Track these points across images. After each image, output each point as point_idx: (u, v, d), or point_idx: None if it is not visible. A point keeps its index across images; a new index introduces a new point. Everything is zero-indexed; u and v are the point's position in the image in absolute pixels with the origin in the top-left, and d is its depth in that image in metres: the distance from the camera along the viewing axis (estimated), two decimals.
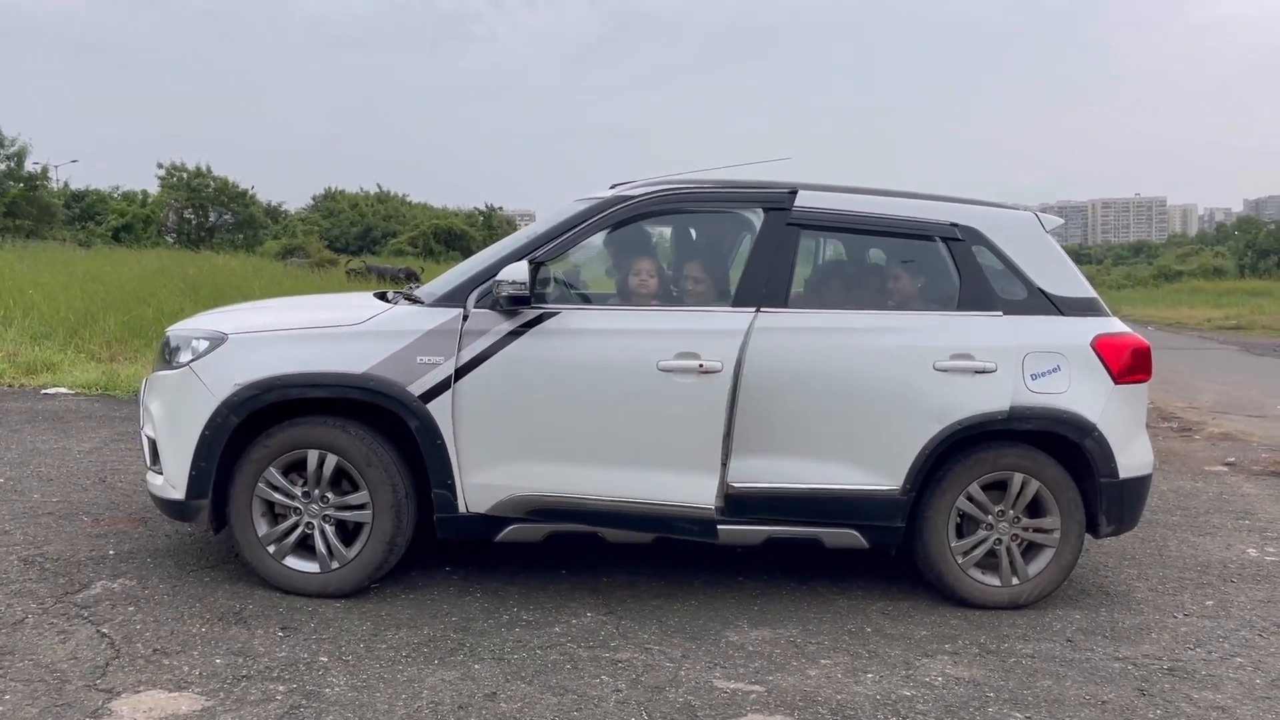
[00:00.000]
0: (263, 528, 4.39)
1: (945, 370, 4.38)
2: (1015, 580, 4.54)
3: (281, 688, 3.52)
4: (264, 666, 3.69)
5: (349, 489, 4.39)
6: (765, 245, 4.49)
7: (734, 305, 4.41)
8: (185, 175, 48.28)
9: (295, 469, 4.39)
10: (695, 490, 4.15)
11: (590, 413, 4.26)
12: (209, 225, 47.87)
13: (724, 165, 4.81)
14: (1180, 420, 10.41)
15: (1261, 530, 6.11)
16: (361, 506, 4.36)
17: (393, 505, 4.34)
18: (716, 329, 4.28)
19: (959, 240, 4.57)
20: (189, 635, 3.94)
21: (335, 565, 4.38)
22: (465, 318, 4.34)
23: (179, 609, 4.21)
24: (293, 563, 4.40)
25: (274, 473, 4.35)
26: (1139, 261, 69.64)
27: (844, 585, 4.84)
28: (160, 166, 49.08)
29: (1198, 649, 4.20)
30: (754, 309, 4.36)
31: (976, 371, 4.41)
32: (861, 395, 4.36)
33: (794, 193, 4.56)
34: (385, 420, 4.39)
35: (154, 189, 49.67)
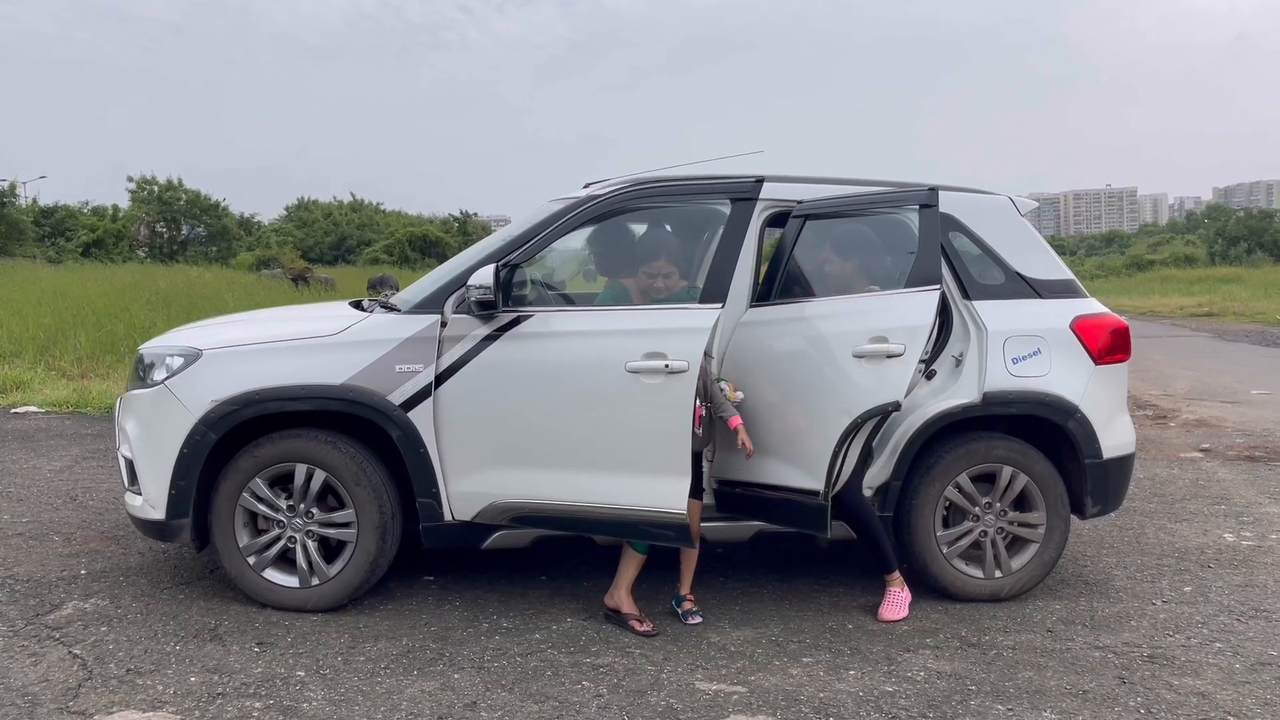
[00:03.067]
0: (244, 538, 4.33)
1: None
2: (998, 573, 4.55)
3: (258, 704, 3.47)
4: (240, 683, 3.63)
5: (335, 505, 4.34)
6: (732, 237, 4.41)
7: (701, 301, 4.24)
8: (156, 189, 47.81)
9: (281, 481, 4.34)
10: (669, 494, 4.04)
11: (564, 416, 4.20)
12: (181, 239, 47.44)
13: (697, 161, 4.75)
14: (1155, 408, 10.48)
15: (1238, 515, 6.15)
16: (346, 525, 4.31)
17: (378, 526, 4.29)
18: (682, 327, 4.11)
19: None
20: (163, 654, 3.89)
21: (316, 581, 4.33)
22: (443, 324, 4.29)
23: (153, 627, 4.15)
24: (272, 575, 4.35)
25: (260, 484, 4.29)
26: (1112, 251, 70.26)
27: (826, 583, 4.83)
28: (131, 180, 48.62)
29: (1177, 635, 4.21)
30: (719, 305, 4.19)
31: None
32: (832, 386, 4.17)
33: (760, 182, 4.51)
34: (366, 431, 4.34)
35: (125, 203, 49.24)
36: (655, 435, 4.06)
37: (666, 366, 4.04)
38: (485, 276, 4.12)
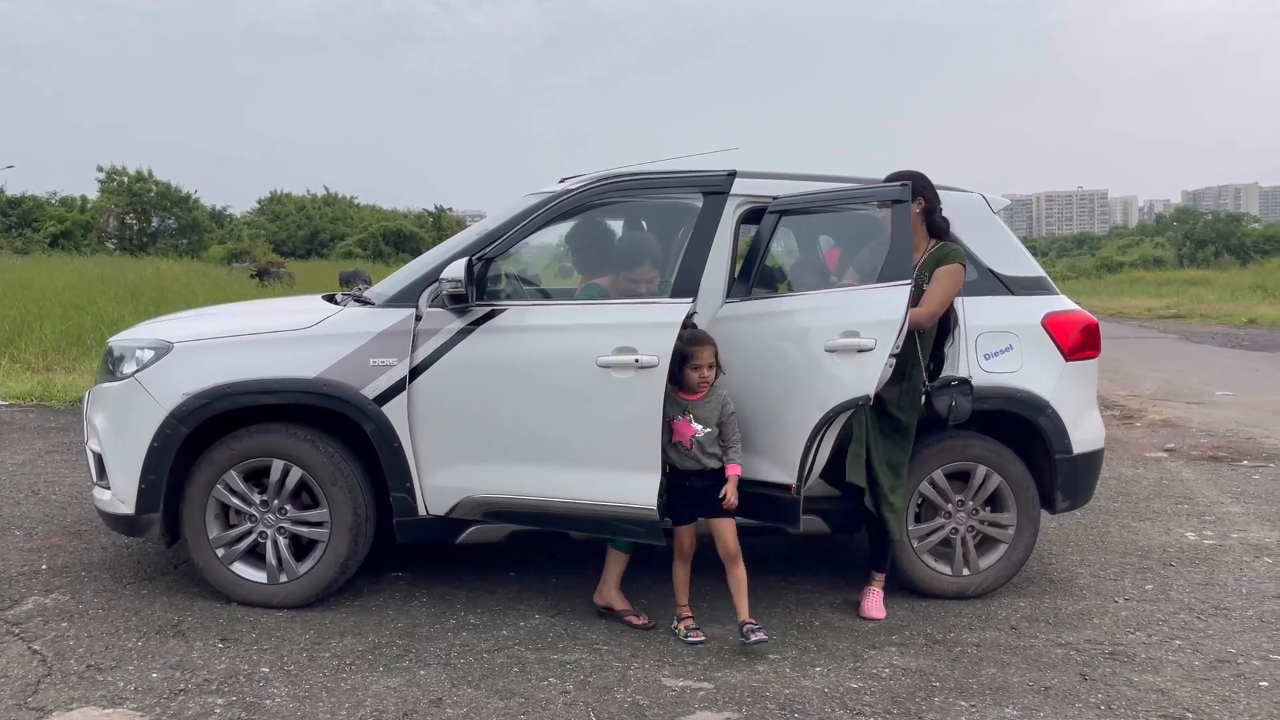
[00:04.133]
0: (215, 530, 4.29)
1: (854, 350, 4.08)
2: (966, 571, 4.58)
3: (221, 700, 3.44)
4: (203, 680, 3.60)
5: (309, 502, 4.31)
6: (704, 231, 4.30)
7: (673, 296, 4.17)
8: (126, 180, 47.28)
9: (256, 476, 4.30)
10: (638, 490, 4.02)
11: (536, 411, 4.17)
12: (151, 231, 46.90)
13: (673, 157, 4.72)
14: (1122, 408, 10.60)
15: (1200, 515, 6.23)
16: (319, 524, 4.28)
17: (351, 527, 4.26)
18: (652, 321, 4.08)
19: None
20: (124, 650, 3.84)
21: (284, 579, 4.30)
22: (418, 318, 4.26)
23: (114, 623, 4.11)
24: (240, 569, 4.31)
25: (235, 477, 4.25)
26: (1082, 253, 70.96)
27: (792, 580, 4.86)
28: (100, 171, 48.07)
29: (1138, 633, 4.26)
30: (690, 299, 4.14)
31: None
32: (804, 380, 4.12)
33: (732, 175, 4.44)
34: (340, 425, 4.31)
35: (94, 194, 48.64)
36: (625, 430, 4.05)
37: (636, 361, 4.01)
38: (457, 270, 4.09)
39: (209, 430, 4.28)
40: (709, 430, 4.07)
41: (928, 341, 4.38)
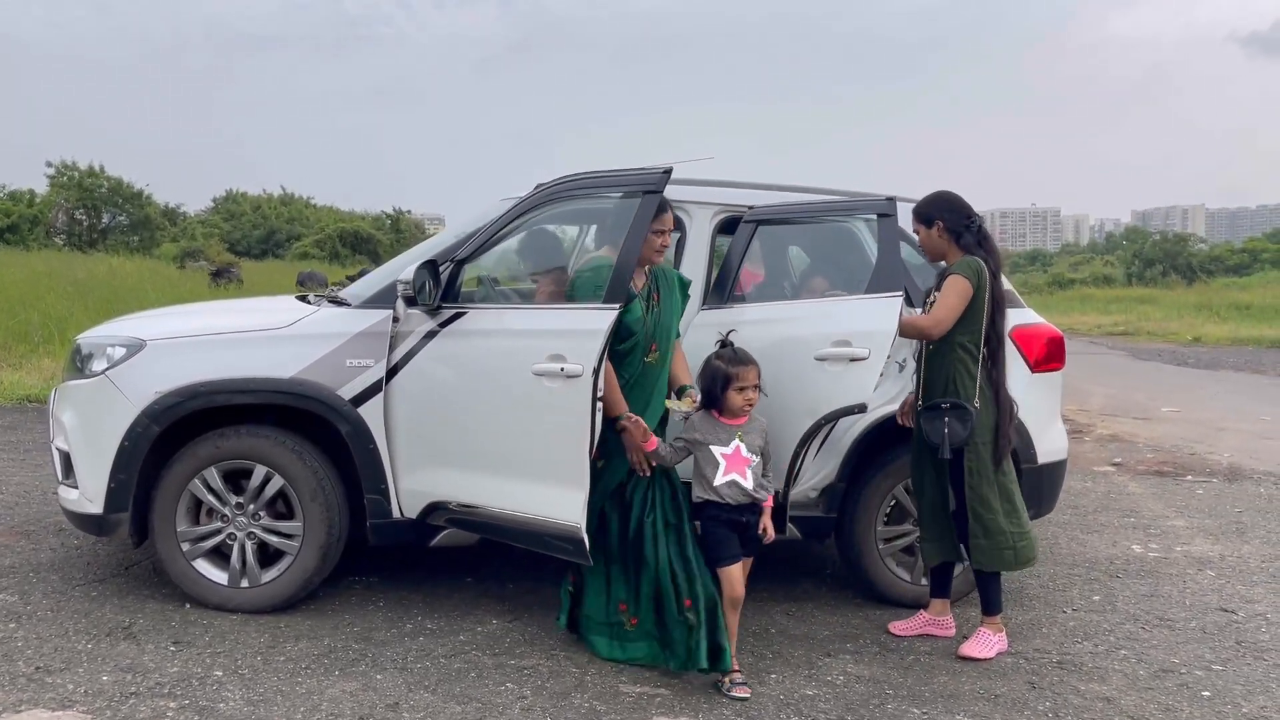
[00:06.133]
0: (184, 524, 4.23)
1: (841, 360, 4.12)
2: (924, 580, 4.63)
3: (173, 704, 3.40)
4: (154, 683, 3.56)
5: (284, 511, 4.28)
6: (637, 231, 3.93)
7: (606, 301, 3.82)
8: (76, 174, 46.33)
9: (234, 476, 4.26)
10: (566, 505, 3.79)
11: (483, 417, 4.10)
12: (102, 227, 46.03)
13: (648, 165, 4.73)
14: (1071, 422, 10.79)
15: (1145, 527, 6.37)
16: (290, 536, 4.25)
17: (323, 545, 4.23)
18: (580, 329, 3.79)
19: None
20: (74, 652, 3.79)
21: (245, 584, 4.26)
22: (396, 319, 4.22)
23: (63, 625, 4.04)
24: (202, 566, 4.26)
25: (215, 474, 4.21)
26: (1035, 269, 72.01)
27: (749, 588, 4.88)
28: (50, 165, 47.07)
29: (1085, 642, 4.35)
30: (618, 305, 3.79)
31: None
32: (794, 388, 4.12)
33: (667, 173, 4.28)
34: (315, 426, 4.27)
35: (42, 188, 47.65)
36: (554, 442, 3.83)
37: (562, 370, 3.82)
38: (410, 273, 4.04)
39: (181, 430, 4.22)
40: (758, 459, 3.89)
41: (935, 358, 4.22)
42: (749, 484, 3.82)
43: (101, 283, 17.26)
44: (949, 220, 4.21)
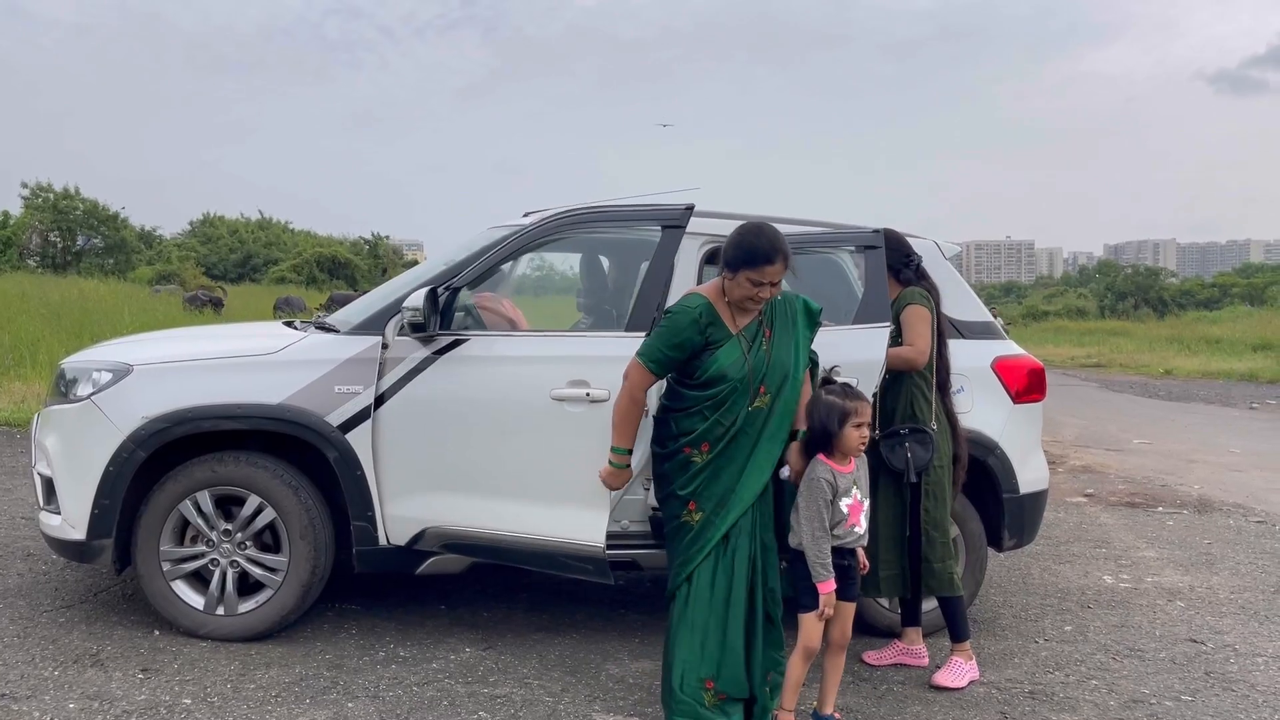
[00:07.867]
0: (168, 543, 4.19)
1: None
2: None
3: None
4: (121, 710, 3.52)
5: (270, 544, 4.25)
6: (661, 264, 4.24)
7: (627, 330, 4.14)
8: (52, 196, 46.06)
9: (224, 502, 4.23)
10: (587, 526, 3.94)
11: (494, 442, 4.15)
12: (76, 249, 45.70)
13: (634, 196, 4.76)
14: (1045, 453, 10.87)
15: (1117, 558, 6.42)
16: (274, 570, 4.22)
17: (305, 583, 4.21)
18: (606, 355, 3.98)
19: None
20: (40, 679, 3.73)
21: (220, 611, 4.22)
22: (384, 346, 4.22)
23: (30, 651, 3.99)
24: (180, 588, 4.22)
25: (206, 498, 4.18)
26: (1009, 301, 72.72)
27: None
28: (25, 186, 46.78)
29: (1057, 672, 4.37)
30: (645, 332, 3.97)
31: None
32: None
33: (690, 209, 4.36)
34: (299, 452, 4.26)
35: (17, 210, 47.30)
36: (576, 465, 3.96)
37: (588, 395, 4.01)
38: (416, 299, 4.06)
39: (166, 456, 4.19)
40: (868, 501, 3.66)
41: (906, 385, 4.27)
42: (863, 528, 3.61)
43: (75, 306, 17.12)
44: (889, 257, 4.34)
